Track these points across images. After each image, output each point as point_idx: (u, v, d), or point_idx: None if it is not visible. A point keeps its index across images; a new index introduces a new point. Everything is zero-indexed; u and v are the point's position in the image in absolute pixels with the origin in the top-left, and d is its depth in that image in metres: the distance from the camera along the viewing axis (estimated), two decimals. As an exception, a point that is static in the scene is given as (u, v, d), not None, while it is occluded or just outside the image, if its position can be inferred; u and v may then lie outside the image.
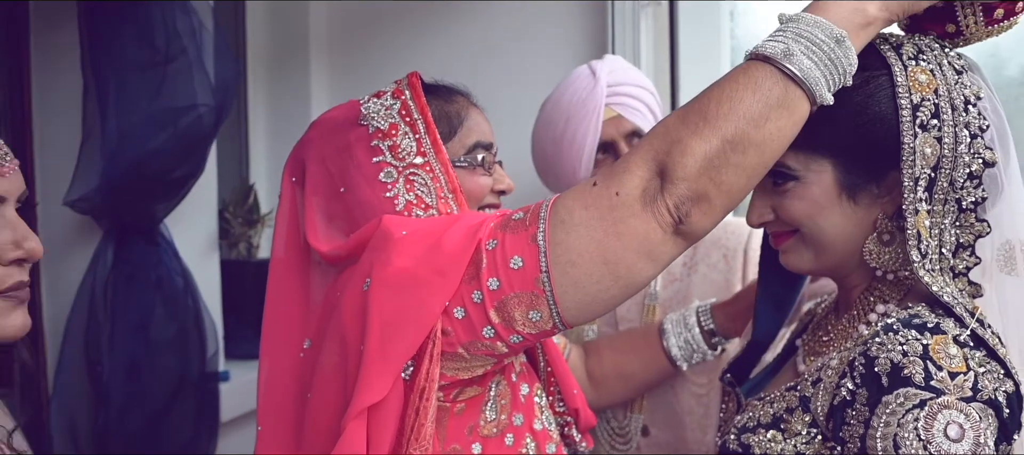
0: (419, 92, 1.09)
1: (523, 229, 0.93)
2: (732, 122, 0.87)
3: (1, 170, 0.92)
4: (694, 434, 1.51)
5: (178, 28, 1.63)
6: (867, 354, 0.91)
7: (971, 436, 0.83)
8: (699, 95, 0.91)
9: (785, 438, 0.96)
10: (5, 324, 0.91)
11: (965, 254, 0.96)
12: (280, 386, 1.07)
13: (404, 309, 0.93)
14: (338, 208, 1.07)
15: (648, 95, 1.57)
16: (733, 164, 0.87)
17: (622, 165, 0.92)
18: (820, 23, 0.89)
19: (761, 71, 0.88)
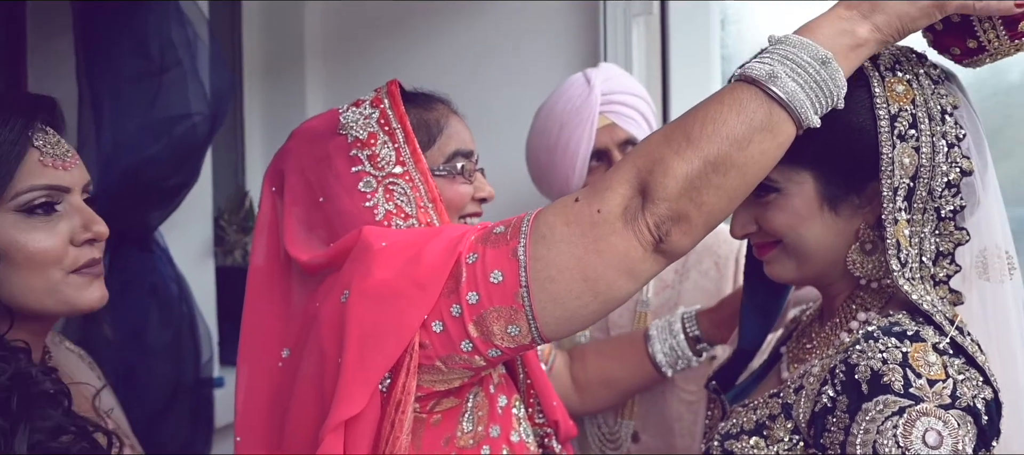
0: (398, 101, 1.08)
1: (504, 243, 0.93)
2: (715, 143, 0.87)
3: (65, 164, 1.05)
4: (683, 441, 1.52)
5: (173, 38, 1.64)
6: (848, 362, 0.92)
7: (949, 443, 0.85)
8: (684, 114, 0.91)
9: (768, 445, 0.97)
10: (83, 296, 1.04)
11: (945, 262, 0.98)
12: (258, 395, 1.07)
13: (382, 322, 0.93)
14: (318, 217, 1.07)
15: (643, 103, 1.57)
16: (714, 185, 0.88)
17: (604, 183, 0.92)
18: (806, 45, 0.88)
19: (746, 93, 0.88)
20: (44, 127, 1.06)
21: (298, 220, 1.08)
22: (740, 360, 1.20)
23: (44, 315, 1.04)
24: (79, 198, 1.06)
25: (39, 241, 1.00)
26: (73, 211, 1.04)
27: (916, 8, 0.90)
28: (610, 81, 1.56)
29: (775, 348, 1.18)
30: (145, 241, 1.70)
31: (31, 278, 1.00)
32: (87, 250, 1.05)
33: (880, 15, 0.90)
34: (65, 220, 1.03)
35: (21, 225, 1.00)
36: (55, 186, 1.03)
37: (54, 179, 1.03)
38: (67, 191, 1.04)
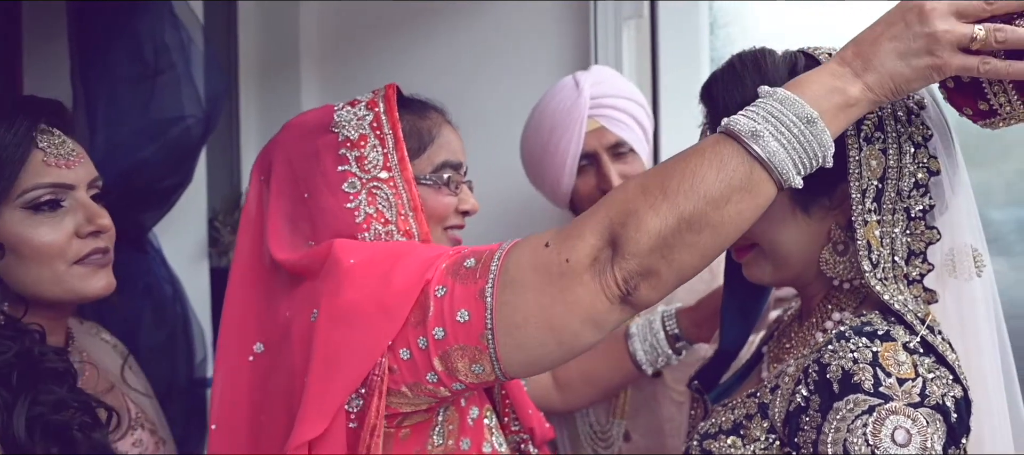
0: (392, 106, 1.09)
1: (472, 281, 0.91)
2: (691, 200, 0.84)
3: (69, 163, 1.13)
4: (673, 441, 1.53)
5: (167, 41, 1.66)
6: (820, 361, 0.94)
7: (918, 441, 0.86)
8: (664, 164, 0.89)
9: (744, 444, 0.99)
10: (90, 285, 1.13)
11: (917, 261, 0.99)
12: (231, 387, 1.09)
13: (348, 344, 0.93)
14: (301, 212, 1.07)
15: (635, 106, 1.57)
16: (687, 243, 0.85)
17: (576, 229, 0.90)
18: (793, 103, 0.84)
19: (728, 149, 0.85)
20: (49, 128, 1.14)
21: (282, 213, 1.09)
22: (722, 360, 1.22)
23: (54, 303, 1.12)
24: (84, 193, 1.14)
25: (44, 236, 1.09)
26: (78, 206, 1.13)
27: (911, 69, 0.84)
28: (600, 85, 1.56)
29: (757, 348, 1.20)
30: (139, 242, 1.72)
31: (38, 270, 1.09)
32: (91, 241, 1.13)
33: (873, 74, 0.85)
34: (70, 215, 1.12)
35: (28, 221, 1.08)
36: (59, 184, 1.11)
37: (58, 177, 1.11)
38: (71, 188, 1.12)
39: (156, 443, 1.21)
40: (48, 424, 1.02)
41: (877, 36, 0.85)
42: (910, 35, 0.84)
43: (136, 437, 1.18)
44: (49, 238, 1.09)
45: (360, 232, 1.04)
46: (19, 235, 1.08)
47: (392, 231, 1.05)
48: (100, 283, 1.14)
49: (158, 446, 1.22)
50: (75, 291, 1.12)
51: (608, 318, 0.90)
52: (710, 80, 1.05)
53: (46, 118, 1.13)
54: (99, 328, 1.33)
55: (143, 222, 1.71)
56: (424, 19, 2.12)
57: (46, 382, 1.05)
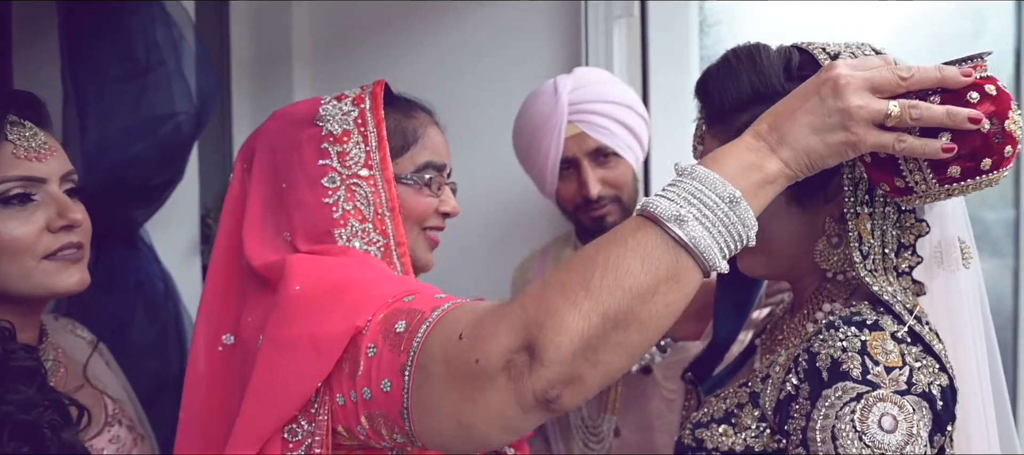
0: (379, 103, 1.08)
1: (397, 351, 0.86)
2: (616, 296, 0.76)
3: (40, 156, 1.10)
4: (662, 437, 1.54)
5: (158, 39, 1.66)
6: (810, 350, 0.95)
7: (904, 427, 0.88)
8: (582, 256, 0.80)
9: (735, 432, 1.00)
10: (60, 281, 1.10)
11: (907, 253, 1.00)
12: (200, 376, 1.09)
13: (284, 376, 0.92)
14: (279, 202, 1.07)
15: (621, 110, 1.55)
16: (614, 343, 0.77)
17: (490, 326, 0.80)
18: (714, 182, 0.79)
19: (651, 237, 0.78)
20: (20, 121, 1.11)
21: (262, 201, 1.09)
22: (715, 353, 1.23)
23: (24, 299, 1.10)
24: (56, 187, 1.11)
25: (13, 230, 1.07)
26: (49, 200, 1.10)
27: (825, 145, 0.81)
28: (580, 90, 1.54)
29: (750, 341, 1.21)
30: (131, 239, 1.72)
31: (7, 265, 1.07)
32: (63, 236, 1.10)
33: (788, 150, 0.82)
34: (41, 209, 1.10)
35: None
36: (29, 177, 1.09)
37: (28, 170, 1.09)
38: (43, 181, 1.10)
39: (134, 440, 1.20)
40: (17, 424, 1.00)
41: (793, 110, 0.82)
42: (824, 110, 0.81)
43: (113, 433, 1.17)
44: (18, 232, 1.07)
45: (337, 228, 1.04)
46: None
47: (369, 229, 1.04)
48: (72, 279, 1.11)
49: (136, 442, 1.20)
50: (45, 287, 1.10)
51: (523, 425, 0.82)
52: (705, 75, 1.06)
53: (17, 110, 1.11)
54: (74, 324, 1.31)
55: (135, 219, 1.71)
56: (416, 18, 2.13)
57: (14, 381, 1.02)
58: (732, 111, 1.01)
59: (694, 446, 1.03)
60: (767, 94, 0.99)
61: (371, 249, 1.05)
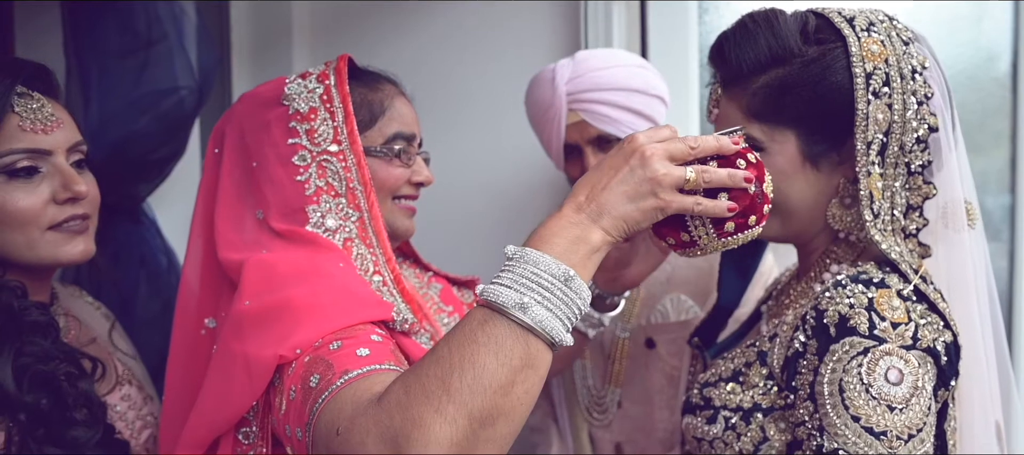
0: (343, 79, 1.09)
1: (304, 409, 0.88)
2: (478, 396, 0.76)
3: (46, 128, 1.11)
4: (662, 412, 1.56)
5: (159, 13, 1.66)
6: (817, 308, 0.97)
7: (909, 380, 0.90)
8: (437, 358, 0.80)
9: (743, 390, 1.02)
10: (65, 251, 1.12)
11: (915, 215, 1.02)
12: (183, 358, 1.11)
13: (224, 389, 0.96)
14: (250, 182, 1.09)
15: (624, 95, 1.49)
16: (483, 440, 0.77)
17: (359, 433, 0.79)
18: (548, 263, 0.81)
19: (500, 328, 0.79)
20: (28, 92, 1.11)
21: (234, 183, 1.10)
22: (720, 316, 1.25)
23: (29, 267, 1.12)
24: (62, 159, 1.12)
25: (18, 201, 1.08)
26: (55, 172, 1.11)
27: (639, 211, 0.87)
28: (579, 79, 1.49)
29: (755, 308, 1.23)
30: (134, 213, 1.72)
31: (12, 235, 1.08)
32: (68, 208, 1.11)
33: (607, 218, 0.86)
34: (46, 181, 1.11)
35: (3, 187, 1.07)
36: (35, 149, 1.09)
37: (34, 143, 1.09)
38: (49, 153, 1.11)
39: (144, 399, 1.23)
40: (35, 375, 1.03)
41: (607, 182, 0.87)
42: (635, 179, 0.86)
43: (124, 392, 1.19)
44: (24, 204, 1.08)
45: (310, 205, 1.06)
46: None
47: (342, 204, 1.06)
48: (77, 249, 1.13)
49: (146, 402, 1.23)
50: (50, 257, 1.11)
51: None
52: (721, 39, 1.07)
53: (25, 81, 1.11)
54: (81, 291, 1.34)
55: (137, 193, 1.71)
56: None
57: (30, 335, 1.05)
58: (750, 73, 1.03)
59: (702, 404, 1.05)
60: (784, 56, 1.01)
61: (346, 224, 1.06)
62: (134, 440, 1.17)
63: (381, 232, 1.08)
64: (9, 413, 1.01)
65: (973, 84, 1.88)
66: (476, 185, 2.07)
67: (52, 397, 1.04)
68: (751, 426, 1.00)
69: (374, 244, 1.07)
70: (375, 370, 0.88)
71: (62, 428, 1.04)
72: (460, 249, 1.88)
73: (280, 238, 1.06)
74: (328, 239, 1.05)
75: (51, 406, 1.04)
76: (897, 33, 1.03)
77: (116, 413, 1.15)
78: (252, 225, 1.09)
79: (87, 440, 1.05)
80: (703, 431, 1.04)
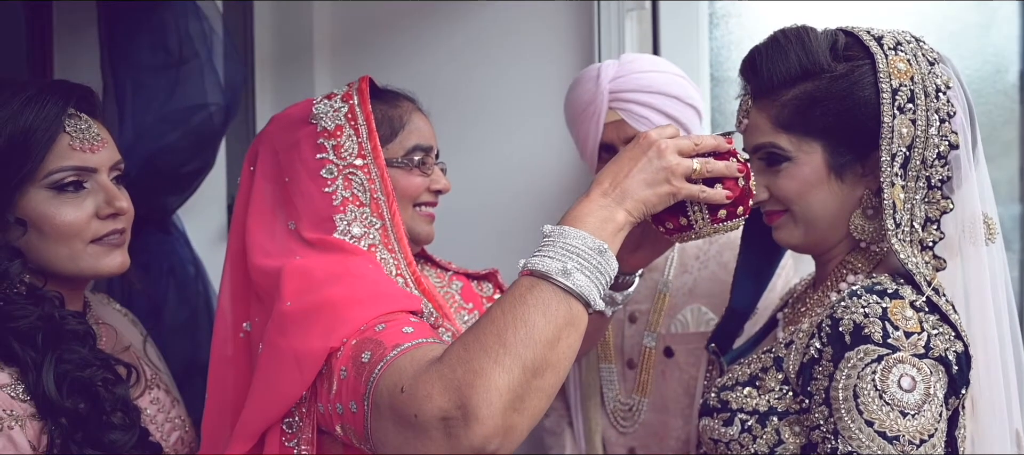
0: (366, 98, 1.18)
1: (360, 381, 0.95)
2: (531, 349, 0.87)
3: (93, 147, 1.17)
4: (675, 420, 1.59)
5: (190, 32, 1.72)
6: (833, 316, 1.01)
7: (922, 388, 0.94)
8: (490, 318, 0.90)
9: (760, 394, 1.06)
10: (104, 263, 1.18)
11: (932, 228, 1.07)
12: (224, 361, 1.19)
13: (275, 383, 1.03)
14: (283, 195, 1.17)
15: (663, 100, 1.53)
16: (535, 389, 0.87)
17: (425, 387, 0.88)
18: (584, 237, 0.93)
19: (546, 292, 0.90)
20: (77, 113, 1.18)
21: (268, 197, 1.18)
22: (734, 321, 1.29)
23: (70, 278, 1.18)
24: (106, 176, 1.19)
25: (66, 215, 1.14)
26: (99, 188, 1.17)
27: (656, 196, 0.98)
28: (623, 78, 1.54)
29: (772, 315, 1.27)
30: (164, 224, 1.77)
31: (57, 247, 1.14)
32: (109, 223, 1.18)
33: (629, 201, 0.97)
34: (91, 197, 1.17)
35: (52, 201, 1.14)
36: (83, 167, 1.16)
37: (82, 161, 1.16)
38: (94, 171, 1.17)
39: (172, 402, 1.29)
40: (74, 381, 1.08)
41: (629, 171, 0.99)
42: (652, 169, 0.99)
43: (153, 396, 1.25)
44: (71, 218, 1.14)
45: (337, 214, 1.14)
46: (43, 213, 1.12)
47: (367, 213, 1.14)
48: (115, 261, 1.19)
49: (173, 405, 1.29)
50: (91, 268, 1.17)
51: None
52: (753, 53, 1.12)
53: (75, 103, 1.18)
54: (109, 299, 1.40)
55: (167, 205, 1.76)
56: (433, 12, 2.18)
57: (69, 342, 1.10)
58: (780, 86, 1.08)
59: (719, 407, 1.09)
60: (814, 71, 1.06)
61: (370, 231, 1.14)
62: (164, 441, 1.23)
63: (402, 238, 1.16)
64: (51, 417, 1.07)
65: (981, 94, 1.91)
66: (494, 188, 2.12)
67: (90, 402, 1.10)
68: (767, 429, 1.05)
69: (396, 249, 1.15)
70: (424, 342, 0.97)
71: (100, 431, 1.10)
72: (479, 249, 1.92)
73: (311, 246, 1.13)
74: (354, 245, 1.13)
75: (89, 410, 1.09)
76: (923, 53, 1.08)
77: (147, 416, 1.21)
78: (284, 235, 1.16)
79: (124, 443, 1.11)
80: (720, 433, 1.08)
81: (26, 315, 1.08)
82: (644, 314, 1.62)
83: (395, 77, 2.16)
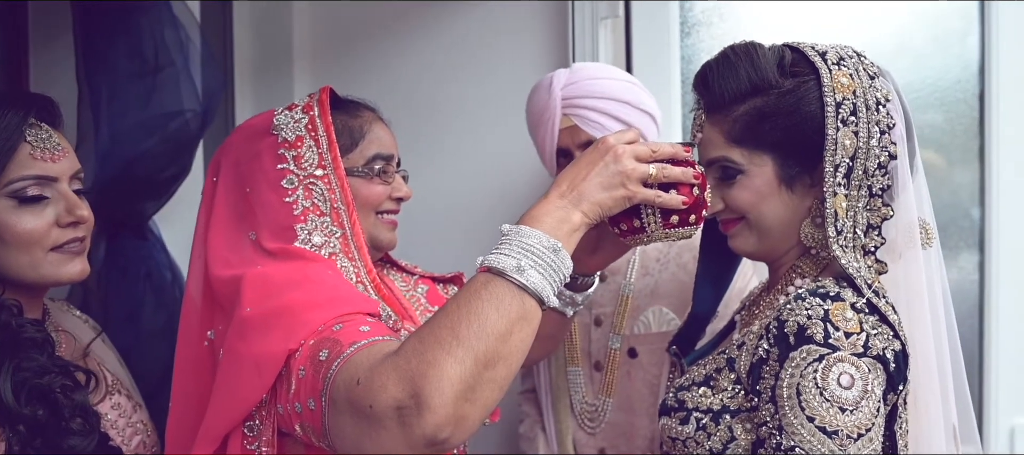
0: (326, 110, 1.21)
1: (317, 378, 0.98)
2: (483, 341, 0.90)
3: (54, 157, 1.19)
4: (642, 419, 1.63)
5: (166, 39, 1.74)
6: (779, 318, 1.06)
7: (860, 385, 0.99)
8: (444, 312, 0.93)
9: (714, 393, 1.10)
10: (65, 271, 1.19)
11: (874, 234, 1.11)
12: (188, 368, 1.20)
13: (234, 388, 1.06)
14: (244, 206, 1.19)
15: (615, 105, 1.57)
16: (487, 380, 0.90)
17: (380, 379, 0.91)
18: (539, 236, 0.96)
19: (500, 287, 0.93)
20: (38, 123, 1.20)
21: (229, 206, 1.21)
22: (696, 324, 1.33)
23: (30, 285, 1.19)
24: (66, 186, 1.21)
25: (27, 223, 1.16)
26: (60, 197, 1.19)
27: (611, 199, 1.02)
28: (574, 85, 1.58)
29: (731, 319, 1.31)
30: (140, 230, 1.79)
31: (18, 255, 1.16)
32: (69, 231, 1.19)
33: (585, 204, 1.01)
34: (52, 205, 1.18)
35: (13, 210, 1.15)
36: (44, 176, 1.18)
37: (43, 170, 1.17)
38: (55, 180, 1.19)
39: (133, 407, 1.30)
40: (33, 388, 1.09)
41: (586, 174, 1.02)
42: (609, 173, 1.02)
43: (114, 401, 1.26)
44: (31, 226, 1.15)
45: (298, 223, 1.16)
46: (3, 222, 1.14)
47: (327, 222, 1.17)
48: (75, 269, 1.20)
49: (135, 409, 1.30)
50: (51, 276, 1.18)
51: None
52: (705, 69, 1.16)
53: (36, 113, 1.20)
54: (69, 306, 1.41)
55: (144, 211, 1.79)
56: (411, 19, 2.21)
57: (27, 350, 1.11)
58: (731, 102, 1.12)
59: (676, 406, 1.13)
60: (763, 87, 1.10)
61: (330, 240, 1.17)
62: (125, 446, 1.24)
63: (362, 246, 1.19)
64: (9, 424, 1.08)
65: (961, 98, 1.92)
66: (469, 191, 2.16)
67: (49, 408, 1.11)
68: (720, 426, 1.08)
69: (356, 257, 1.18)
70: (380, 340, 1.00)
71: (59, 438, 1.11)
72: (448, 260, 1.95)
73: (271, 256, 1.16)
74: (315, 253, 1.16)
75: (48, 417, 1.11)
76: (864, 68, 1.12)
77: (108, 421, 1.22)
78: (245, 245, 1.19)
79: (83, 448, 1.13)
80: (677, 431, 1.12)
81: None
82: (608, 317, 1.66)
83: (373, 82, 2.22)
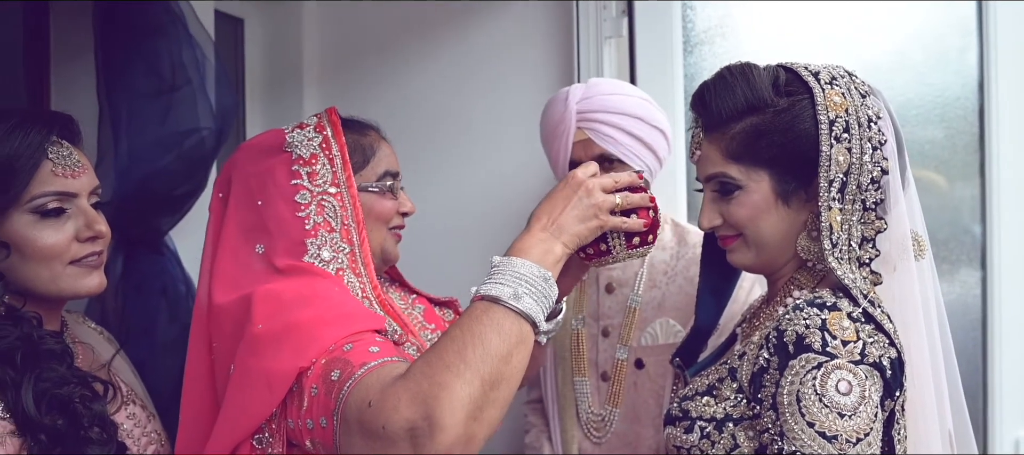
0: (339, 130, 1.26)
1: (329, 398, 1.02)
2: (487, 363, 0.97)
3: (74, 173, 1.22)
4: (647, 429, 1.66)
5: (183, 60, 1.78)
6: (779, 328, 1.09)
7: (858, 391, 1.02)
8: (450, 338, 0.99)
9: (717, 402, 1.14)
10: (83, 284, 1.23)
11: (868, 247, 1.15)
12: (197, 379, 1.24)
13: (246, 402, 1.10)
14: (254, 219, 1.23)
15: (630, 121, 1.60)
16: (491, 400, 0.96)
17: (392, 397, 0.96)
18: (530, 266, 1.04)
19: (498, 314, 1.00)
20: (59, 140, 1.24)
21: (239, 222, 1.25)
22: (698, 337, 1.36)
23: (48, 298, 1.23)
24: (86, 201, 1.24)
25: (48, 238, 1.19)
26: (79, 213, 1.22)
27: (587, 229, 1.11)
28: (589, 100, 1.61)
29: (732, 331, 1.35)
30: (156, 245, 1.83)
31: (38, 268, 1.19)
32: (88, 245, 1.23)
33: (565, 235, 1.09)
34: (71, 221, 1.22)
35: (34, 225, 1.19)
36: (64, 192, 1.21)
37: (64, 186, 1.21)
38: (75, 196, 1.23)
39: (148, 417, 1.33)
40: (53, 398, 1.12)
41: (562, 208, 1.11)
42: (583, 206, 1.11)
43: (130, 411, 1.29)
44: (52, 240, 1.18)
45: (309, 238, 1.20)
46: (25, 236, 1.17)
47: (337, 238, 1.21)
48: (93, 282, 1.24)
49: (149, 419, 1.34)
50: (70, 289, 1.21)
51: None
52: (702, 89, 1.20)
53: (57, 131, 1.24)
54: (85, 318, 1.45)
55: (160, 226, 1.82)
56: (418, 38, 2.26)
57: (47, 361, 1.14)
58: (728, 120, 1.16)
59: (681, 415, 1.16)
60: (759, 106, 1.14)
61: (338, 256, 1.20)
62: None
63: (369, 262, 1.23)
64: (30, 434, 1.11)
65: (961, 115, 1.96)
66: (473, 207, 2.20)
67: (68, 418, 1.13)
68: (723, 434, 1.12)
69: (362, 273, 1.22)
70: (390, 361, 1.04)
71: (78, 447, 1.13)
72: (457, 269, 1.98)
73: (280, 273, 1.19)
74: (323, 269, 1.19)
75: (68, 426, 1.13)
76: (856, 87, 1.16)
77: (124, 431, 1.25)
78: (254, 261, 1.22)
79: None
80: (682, 440, 1.15)
81: (6, 336, 1.12)
82: (616, 328, 1.70)
83: (381, 100, 2.26)
